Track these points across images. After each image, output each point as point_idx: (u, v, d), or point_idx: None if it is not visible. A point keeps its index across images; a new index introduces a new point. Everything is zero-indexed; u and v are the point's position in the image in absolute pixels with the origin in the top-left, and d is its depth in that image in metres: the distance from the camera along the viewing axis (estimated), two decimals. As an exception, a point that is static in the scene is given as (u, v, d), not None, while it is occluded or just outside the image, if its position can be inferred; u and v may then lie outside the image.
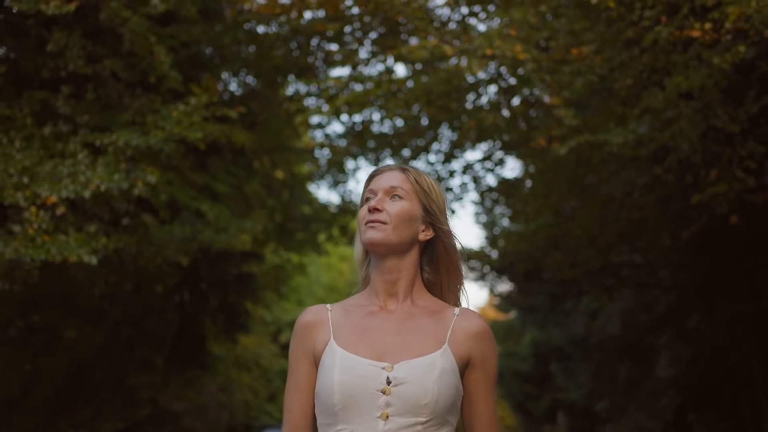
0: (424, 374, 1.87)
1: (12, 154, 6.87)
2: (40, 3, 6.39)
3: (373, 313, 2.00)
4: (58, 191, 6.38)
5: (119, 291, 8.70)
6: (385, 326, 1.97)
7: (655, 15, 6.03)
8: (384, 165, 2.11)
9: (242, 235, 9.27)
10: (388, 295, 2.02)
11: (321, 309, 2.04)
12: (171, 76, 7.24)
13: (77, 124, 7.46)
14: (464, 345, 1.96)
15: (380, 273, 2.03)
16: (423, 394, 1.85)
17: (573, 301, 17.04)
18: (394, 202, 2.01)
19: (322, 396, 1.91)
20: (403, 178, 2.04)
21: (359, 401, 1.87)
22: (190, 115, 6.82)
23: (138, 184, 6.55)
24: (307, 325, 2.01)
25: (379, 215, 1.99)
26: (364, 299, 2.05)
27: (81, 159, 6.75)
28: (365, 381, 1.88)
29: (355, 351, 1.92)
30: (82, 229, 6.72)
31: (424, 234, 2.03)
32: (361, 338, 1.95)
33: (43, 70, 7.84)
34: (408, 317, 1.99)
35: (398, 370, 1.88)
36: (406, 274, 2.02)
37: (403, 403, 1.85)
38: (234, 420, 21.61)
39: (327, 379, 1.90)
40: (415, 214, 2.01)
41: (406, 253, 2.02)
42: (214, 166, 9.66)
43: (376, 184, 2.05)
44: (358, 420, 1.87)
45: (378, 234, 1.97)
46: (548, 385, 23.67)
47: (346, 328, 1.98)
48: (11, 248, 6.08)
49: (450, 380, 1.90)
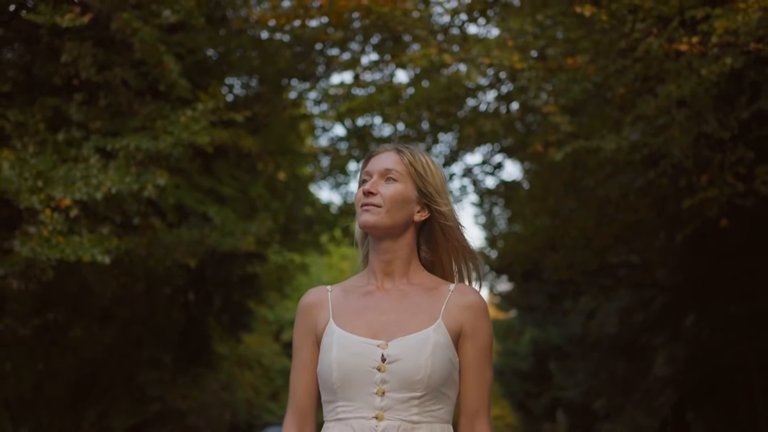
0: (417, 350, 1.91)
1: (26, 159, 7.12)
2: (55, 16, 6.62)
3: (370, 292, 2.05)
4: (71, 194, 6.63)
5: (129, 292, 8.96)
6: (381, 305, 2.02)
7: (647, 27, 6.27)
8: (380, 146, 2.13)
9: (247, 237, 9.51)
10: (384, 275, 2.06)
11: (321, 290, 2.10)
12: (180, 85, 7.50)
13: (89, 130, 7.71)
14: (457, 317, 1.99)
15: (377, 253, 2.07)
16: (416, 369, 1.90)
17: (571, 301, 17.25)
18: (388, 184, 2.04)
19: (322, 374, 1.97)
20: (397, 160, 2.06)
21: (356, 378, 1.92)
22: (197, 121, 7.08)
23: (148, 187, 6.80)
24: (308, 305, 2.08)
25: (373, 198, 2.02)
26: (363, 280, 2.10)
27: (93, 163, 7.00)
28: (361, 359, 1.93)
29: (352, 330, 1.97)
30: (95, 231, 6.98)
31: (420, 215, 2.06)
32: (358, 317, 2.00)
33: (54, 77, 8.09)
34: (403, 295, 2.03)
35: (392, 347, 1.93)
36: (401, 254, 2.05)
37: (397, 379, 1.90)
38: (236, 418, 21.79)
39: (326, 357, 1.96)
40: (409, 195, 2.04)
41: (402, 234, 2.05)
42: (220, 170, 9.90)
43: (371, 165, 2.08)
44: (356, 396, 1.92)
45: (371, 217, 2.01)
46: (547, 384, 23.83)
47: (344, 308, 2.03)
48: (28, 248, 6.34)
49: (444, 354, 1.94)
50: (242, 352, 20.76)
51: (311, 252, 14.61)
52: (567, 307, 17.89)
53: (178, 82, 7.47)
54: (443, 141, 10.69)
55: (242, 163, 10.97)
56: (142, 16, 7.07)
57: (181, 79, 7.53)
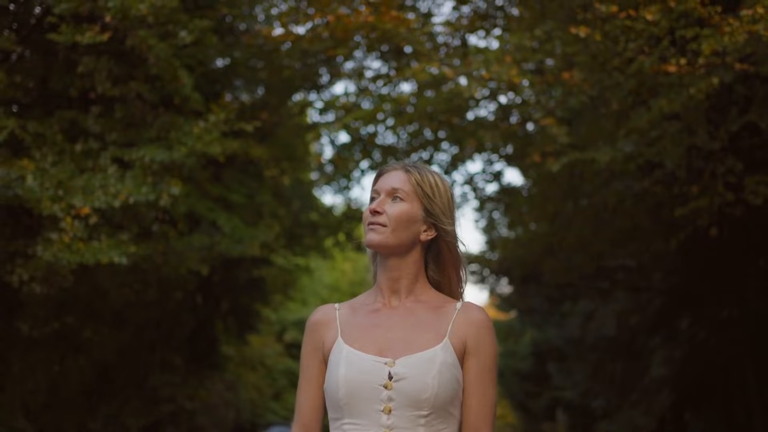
0: (424, 369, 1.91)
1: (46, 169, 7.45)
2: (76, 35, 6.94)
3: (377, 310, 2.05)
4: (91, 202, 6.95)
5: (143, 297, 9.29)
6: (388, 322, 2.01)
7: (639, 47, 6.59)
8: (390, 164, 2.12)
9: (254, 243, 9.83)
10: (391, 292, 2.05)
11: (329, 308, 2.10)
12: (193, 98, 7.82)
13: (105, 141, 8.04)
14: (462, 335, 1.99)
15: (384, 270, 2.07)
16: (423, 388, 1.90)
17: (570, 304, 17.53)
18: (394, 203, 2.04)
19: (329, 391, 1.97)
20: (404, 179, 2.05)
21: (363, 395, 1.92)
22: (209, 132, 7.41)
23: (163, 196, 7.13)
24: (316, 323, 2.07)
25: (379, 218, 2.03)
26: (370, 297, 2.10)
27: (111, 173, 7.34)
28: (368, 376, 1.92)
29: (360, 347, 1.97)
30: (114, 237, 7.31)
31: (426, 234, 2.05)
32: (366, 335, 2.00)
33: (71, 90, 8.41)
34: (410, 313, 2.02)
35: (399, 365, 1.92)
36: (408, 272, 2.05)
37: (404, 397, 1.90)
38: (240, 418, 22.05)
39: (333, 374, 1.96)
40: (416, 215, 2.03)
41: (408, 252, 2.05)
42: (229, 178, 10.22)
43: (380, 184, 2.08)
44: (362, 413, 1.92)
45: (377, 236, 2.02)
46: (547, 384, 24.07)
47: (352, 326, 2.03)
48: (50, 252, 6.67)
49: (451, 374, 1.94)
50: (246, 353, 20.97)
51: (315, 255, 14.91)
52: (566, 310, 18.17)
53: (192, 95, 7.79)
54: (444, 149, 11.01)
55: (249, 169, 11.27)
56: (160, 35, 7.38)
57: (194, 93, 7.85)
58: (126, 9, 6.71)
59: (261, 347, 23.40)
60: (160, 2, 6.70)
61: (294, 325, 25.21)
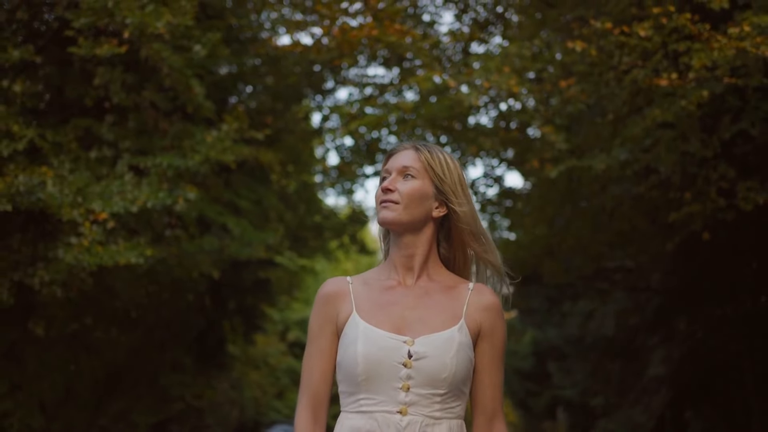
0: (443, 349, 1.95)
1: (65, 176, 7.76)
2: (95, 47, 7.26)
3: (392, 287, 2.07)
4: (109, 207, 7.27)
5: (156, 299, 9.62)
6: (404, 301, 2.04)
7: (632, 60, 6.89)
8: (400, 144, 2.16)
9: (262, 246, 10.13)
10: (405, 269, 2.08)
11: (342, 281, 2.12)
12: (205, 107, 8.13)
13: (120, 149, 8.35)
14: (477, 318, 2.04)
15: (397, 248, 2.09)
16: (442, 368, 1.94)
17: (569, 304, 17.78)
18: (406, 181, 2.07)
19: (344, 366, 1.98)
20: (414, 158, 2.08)
21: (382, 372, 1.94)
22: (222, 141, 7.73)
23: (179, 201, 7.46)
24: (329, 295, 2.08)
25: (391, 195, 2.06)
26: (383, 273, 2.11)
27: (128, 180, 7.66)
28: (388, 353, 1.94)
29: (377, 324, 1.99)
30: (131, 241, 7.64)
31: (438, 211, 2.09)
32: (382, 312, 2.02)
33: (85, 99, 8.71)
34: (425, 293, 2.05)
35: (419, 344, 1.95)
36: (421, 249, 2.08)
37: (423, 376, 1.94)
38: (243, 416, 22.32)
39: (350, 350, 1.97)
40: (427, 192, 2.07)
41: (421, 229, 2.07)
42: (237, 182, 10.53)
43: (390, 163, 2.11)
44: (380, 390, 1.94)
45: (390, 213, 2.05)
46: (547, 383, 24.30)
47: (366, 301, 2.05)
48: (71, 255, 7.00)
49: (466, 354, 1.99)
50: (250, 353, 21.22)
51: (320, 257, 15.22)
52: (565, 310, 18.42)
53: (204, 104, 8.11)
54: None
55: (256, 173, 11.57)
56: (175, 49, 7.69)
57: (206, 102, 8.16)
58: (143, 26, 7.02)
59: (264, 347, 23.64)
60: (176, 20, 7.00)
61: (297, 324, 25.47)
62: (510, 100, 9.59)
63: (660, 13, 6.45)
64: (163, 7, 7.16)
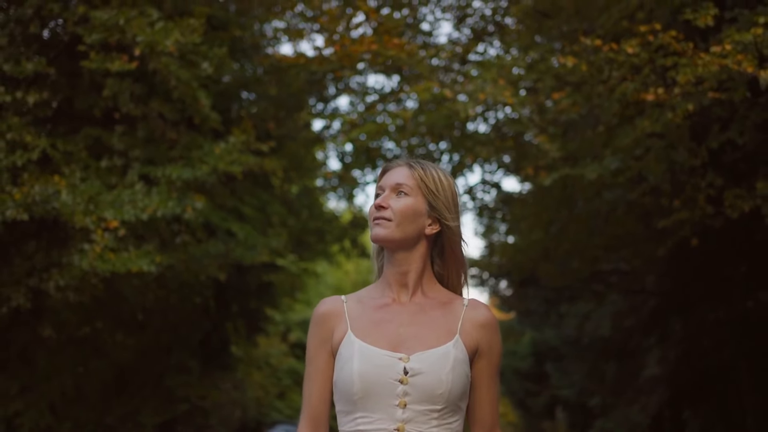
0: (438, 365, 1.94)
1: (76, 185, 8.05)
2: (106, 63, 7.55)
3: (386, 305, 2.05)
4: (121, 216, 7.57)
5: (164, 303, 9.93)
6: (399, 318, 2.02)
7: (621, 75, 7.19)
8: (394, 161, 2.15)
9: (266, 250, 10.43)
10: (399, 286, 2.07)
11: (337, 300, 2.10)
12: (212, 118, 8.44)
13: (129, 158, 8.66)
14: (473, 335, 2.02)
15: (391, 265, 2.07)
16: (438, 384, 1.93)
17: (566, 305, 18.04)
18: (399, 198, 2.05)
19: (341, 385, 1.97)
20: (408, 175, 2.07)
21: (378, 390, 1.93)
22: (230, 153, 8.04)
23: (188, 210, 7.76)
24: (324, 315, 2.07)
25: (384, 212, 2.04)
26: (377, 291, 2.10)
27: (138, 189, 7.96)
28: (383, 371, 1.93)
29: (372, 342, 1.97)
30: (140, 248, 7.95)
31: (431, 228, 2.07)
32: (377, 330, 2.00)
33: (95, 109, 9.00)
34: (419, 309, 2.04)
35: (414, 360, 1.94)
36: (415, 266, 2.06)
37: (419, 392, 1.93)
38: (246, 416, 22.55)
39: (346, 369, 1.96)
40: (420, 210, 2.05)
41: (414, 246, 2.06)
42: (241, 190, 10.82)
43: (384, 180, 2.10)
44: (377, 408, 1.93)
45: (382, 231, 2.04)
46: (546, 383, 24.58)
47: (361, 320, 2.03)
48: (86, 262, 7.30)
49: (462, 370, 1.97)
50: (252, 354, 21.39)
51: (321, 260, 15.51)
52: (563, 311, 18.68)
53: (210, 115, 8.41)
54: (444, 161, 11.60)
55: (259, 180, 11.85)
56: (182, 63, 7.99)
57: (212, 113, 8.47)
58: (153, 44, 7.31)
59: (266, 347, 23.84)
60: (184, 39, 7.30)
61: (298, 325, 25.70)
62: (507, 109, 9.88)
63: (647, 31, 6.74)
64: (171, 23, 7.45)
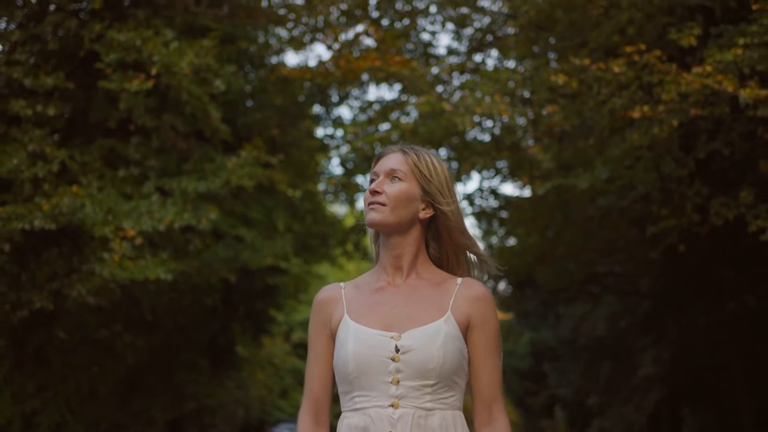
0: (429, 341, 1.98)
1: (94, 195, 8.47)
2: (124, 82, 7.98)
3: (381, 288, 2.10)
4: (139, 226, 8.01)
5: (178, 305, 10.39)
6: (393, 299, 2.07)
7: (610, 92, 7.62)
8: (388, 147, 2.17)
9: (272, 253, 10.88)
10: (394, 269, 2.11)
11: (335, 287, 2.16)
12: (222, 130, 8.88)
13: (145, 167, 9.09)
14: (465, 310, 2.05)
15: (386, 249, 2.12)
16: (429, 359, 1.97)
17: (563, 307, 18.42)
18: (393, 183, 2.09)
19: (338, 366, 2.04)
20: (402, 160, 2.10)
21: (371, 368, 1.98)
22: (242, 167, 8.50)
23: (203, 221, 8.22)
24: (323, 301, 2.13)
25: (378, 197, 2.08)
26: (373, 276, 2.15)
27: (154, 200, 8.40)
28: (376, 350, 1.99)
29: (367, 323, 2.03)
30: (156, 256, 8.38)
31: (424, 212, 2.10)
32: (372, 312, 2.06)
33: (110, 121, 9.40)
34: (413, 290, 2.08)
35: (405, 338, 1.99)
36: (409, 249, 2.11)
37: (411, 368, 1.98)
38: (249, 415, 22.95)
39: (342, 350, 2.02)
40: (414, 194, 2.09)
41: (408, 230, 2.10)
42: (248, 197, 11.26)
43: (378, 166, 2.14)
44: (372, 386, 1.99)
45: (377, 215, 2.08)
46: (544, 382, 24.95)
47: (357, 303, 2.09)
48: (107, 270, 7.76)
49: (454, 345, 2.00)
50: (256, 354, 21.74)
51: (324, 262, 15.94)
52: (560, 312, 19.05)
53: (221, 128, 8.85)
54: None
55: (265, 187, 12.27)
56: (196, 81, 8.42)
57: (223, 126, 8.91)
58: (169, 65, 7.75)
59: (269, 347, 24.22)
60: (198, 60, 7.73)
61: (300, 325, 26.08)
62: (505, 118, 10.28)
63: (632, 51, 7.18)
64: (185, 43, 7.88)
